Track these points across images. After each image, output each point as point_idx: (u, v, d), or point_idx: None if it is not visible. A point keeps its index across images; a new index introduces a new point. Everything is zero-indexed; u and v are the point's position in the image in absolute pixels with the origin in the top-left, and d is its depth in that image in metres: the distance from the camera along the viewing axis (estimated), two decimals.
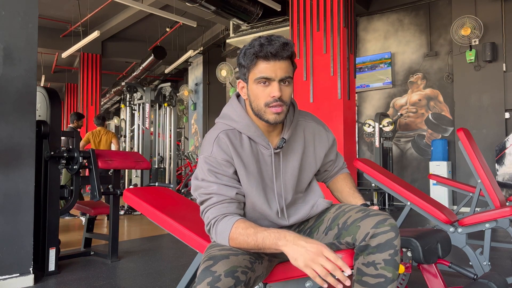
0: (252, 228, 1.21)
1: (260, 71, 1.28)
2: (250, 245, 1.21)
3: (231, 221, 1.25)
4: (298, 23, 5.73)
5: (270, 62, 1.27)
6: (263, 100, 1.30)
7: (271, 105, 1.29)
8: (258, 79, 1.29)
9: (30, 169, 2.80)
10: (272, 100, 1.29)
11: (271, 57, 1.26)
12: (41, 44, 7.93)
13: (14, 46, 2.78)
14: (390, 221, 1.24)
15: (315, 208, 1.44)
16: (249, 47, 1.30)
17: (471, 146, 2.93)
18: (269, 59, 1.27)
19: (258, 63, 1.28)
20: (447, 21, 7.43)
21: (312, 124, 1.49)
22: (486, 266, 2.30)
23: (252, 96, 1.33)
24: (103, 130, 6.81)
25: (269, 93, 1.29)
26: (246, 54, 1.30)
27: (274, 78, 1.28)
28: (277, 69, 1.27)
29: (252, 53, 1.27)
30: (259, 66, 1.28)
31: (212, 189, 1.30)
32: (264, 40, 1.27)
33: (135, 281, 2.85)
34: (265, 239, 1.18)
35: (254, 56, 1.27)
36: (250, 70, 1.30)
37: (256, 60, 1.28)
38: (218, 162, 1.32)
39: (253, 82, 1.30)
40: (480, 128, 6.88)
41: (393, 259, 1.21)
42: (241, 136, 1.37)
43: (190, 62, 12.48)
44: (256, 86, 1.30)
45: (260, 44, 1.26)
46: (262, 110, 1.31)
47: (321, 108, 5.34)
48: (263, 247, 1.19)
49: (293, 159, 1.42)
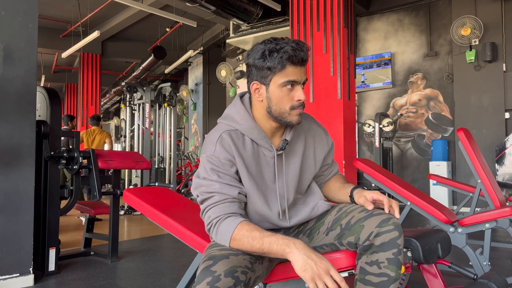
0: (258, 232, 1.21)
1: (287, 75, 1.28)
2: (255, 248, 1.20)
3: (235, 222, 1.24)
4: (298, 23, 5.73)
5: (297, 67, 1.29)
6: (289, 104, 1.31)
7: (296, 108, 1.32)
8: (285, 82, 1.29)
9: (30, 169, 2.80)
10: (298, 103, 1.32)
11: (300, 62, 1.29)
12: (41, 44, 7.91)
13: (14, 46, 2.77)
14: (394, 220, 1.24)
15: (315, 210, 1.44)
16: (274, 48, 1.27)
17: (471, 146, 2.93)
18: (297, 64, 1.28)
19: (287, 67, 1.28)
20: (447, 21, 7.43)
21: (314, 126, 1.49)
22: (486, 266, 2.30)
23: (274, 99, 1.32)
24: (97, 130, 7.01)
25: (294, 96, 1.31)
26: (272, 56, 1.27)
27: (299, 82, 1.31)
28: (302, 73, 1.31)
29: (284, 57, 1.26)
30: (288, 70, 1.28)
31: (214, 188, 1.29)
32: (295, 44, 1.27)
33: (135, 281, 2.85)
34: (272, 244, 1.18)
35: (286, 60, 1.27)
36: (276, 73, 1.29)
37: (287, 64, 1.27)
38: (220, 162, 1.32)
39: (278, 86, 1.30)
40: (480, 128, 6.88)
41: (396, 258, 1.21)
42: (243, 138, 1.37)
43: (190, 62, 12.48)
44: (281, 90, 1.30)
45: (293, 49, 1.26)
46: (286, 112, 1.32)
47: (321, 108, 5.34)
48: (269, 251, 1.19)
49: (294, 160, 1.42)
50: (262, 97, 1.34)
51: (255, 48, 1.32)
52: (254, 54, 1.31)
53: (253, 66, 1.32)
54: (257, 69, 1.31)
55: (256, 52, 1.30)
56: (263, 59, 1.28)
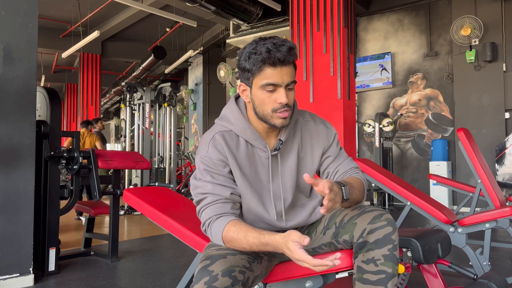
0: (243, 232, 1.20)
1: (266, 77, 1.24)
2: (246, 249, 1.22)
3: (224, 222, 1.25)
4: (298, 23, 5.73)
5: (277, 68, 1.24)
6: (270, 106, 1.27)
7: (278, 111, 1.27)
8: (264, 85, 1.25)
9: (30, 169, 2.80)
10: (280, 106, 1.27)
11: (278, 63, 1.23)
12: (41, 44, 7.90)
13: (14, 46, 2.77)
14: (386, 216, 1.23)
15: (313, 215, 1.44)
16: (253, 51, 1.24)
17: (471, 146, 2.93)
18: (276, 65, 1.23)
19: (264, 69, 1.24)
20: (447, 21, 7.43)
21: (310, 122, 1.46)
22: (486, 266, 2.30)
23: (257, 101, 1.29)
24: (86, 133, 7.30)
25: (276, 99, 1.26)
26: (250, 59, 1.25)
27: (281, 84, 1.25)
28: (283, 75, 1.25)
29: (259, 59, 1.23)
30: (266, 72, 1.24)
31: (207, 189, 1.30)
32: (270, 45, 1.22)
33: (135, 281, 2.85)
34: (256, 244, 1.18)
35: (261, 62, 1.23)
36: (255, 76, 1.26)
37: (263, 66, 1.24)
38: (213, 162, 1.32)
39: (259, 88, 1.27)
40: (480, 128, 6.88)
41: (392, 254, 1.21)
42: (237, 139, 1.36)
43: (190, 62, 12.48)
44: (261, 92, 1.27)
45: (267, 50, 1.21)
46: (269, 115, 1.29)
47: (321, 108, 5.34)
48: (258, 249, 1.20)
49: (290, 160, 1.41)
50: (248, 98, 1.33)
51: (242, 49, 1.31)
52: (241, 56, 1.29)
53: (238, 67, 1.31)
54: (241, 70, 1.30)
55: (241, 53, 1.29)
56: (245, 60, 1.27)
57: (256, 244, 1.18)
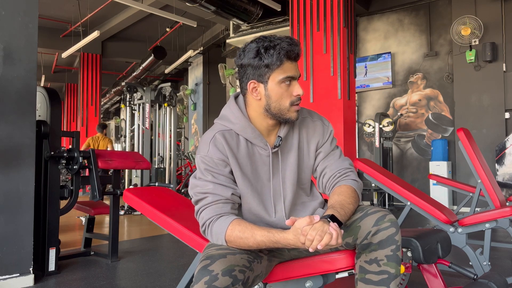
0: (249, 230, 1.21)
1: (285, 71, 1.29)
2: (252, 248, 1.22)
3: (227, 221, 1.25)
4: (298, 23, 5.73)
5: (293, 62, 1.31)
6: (288, 99, 1.31)
7: (295, 103, 1.32)
8: (284, 78, 1.29)
9: (30, 169, 2.80)
10: (296, 98, 1.32)
11: (294, 57, 1.30)
12: (41, 44, 7.90)
13: (14, 46, 2.77)
14: (390, 217, 1.24)
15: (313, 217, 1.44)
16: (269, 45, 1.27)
17: (471, 146, 2.93)
18: (293, 59, 1.30)
19: (285, 62, 1.29)
20: (447, 21, 7.43)
21: (307, 119, 1.47)
22: (486, 266, 2.30)
23: (274, 96, 1.31)
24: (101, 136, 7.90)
25: (292, 92, 1.31)
26: (268, 53, 1.27)
27: (296, 77, 1.32)
28: (297, 68, 1.33)
29: (282, 53, 1.27)
30: (285, 66, 1.29)
31: (208, 188, 1.30)
32: (289, 40, 1.29)
33: (135, 281, 2.85)
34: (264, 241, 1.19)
35: (284, 56, 1.27)
36: (274, 70, 1.29)
37: (284, 59, 1.28)
38: (214, 162, 1.32)
39: (277, 82, 1.30)
40: (480, 128, 6.88)
41: (395, 255, 1.21)
42: (238, 138, 1.37)
43: (190, 62, 12.48)
44: (279, 86, 1.30)
45: (289, 44, 1.28)
46: (286, 109, 1.32)
47: (321, 108, 5.34)
48: (265, 246, 1.20)
49: (290, 156, 1.41)
50: (260, 95, 1.33)
51: (247, 47, 1.31)
52: (248, 54, 1.30)
53: (248, 65, 1.31)
54: (253, 68, 1.30)
55: (249, 51, 1.30)
56: (259, 57, 1.28)
57: (265, 242, 1.18)
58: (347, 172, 1.41)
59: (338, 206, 1.26)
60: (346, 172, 1.41)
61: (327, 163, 1.43)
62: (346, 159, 1.46)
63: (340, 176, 1.40)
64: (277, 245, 1.17)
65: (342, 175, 1.40)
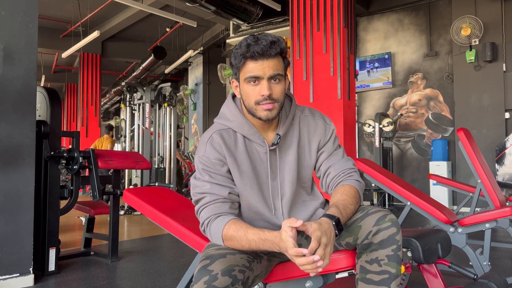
0: (243, 230, 1.21)
1: (248, 70, 1.30)
2: (245, 248, 1.22)
3: (224, 221, 1.26)
4: (298, 23, 5.73)
5: (258, 62, 1.29)
6: (254, 99, 1.32)
7: (261, 103, 1.31)
8: (247, 78, 1.31)
9: (30, 169, 2.80)
10: (262, 98, 1.30)
11: (258, 56, 1.28)
12: (41, 44, 7.89)
13: (14, 46, 2.77)
14: (390, 217, 1.24)
15: (314, 217, 1.44)
16: (237, 47, 1.32)
17: (471, 146, 2.93)
18: (257, 58, 1.28)
19: (246, 63, 1.30)
20: (447, 21, 7.43)
21: (309, 117, 1.46)
22: (486, 266, 2.30)
23: (244, 95, 1.35)
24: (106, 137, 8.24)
25: (259, 91, 1.30)
26: (235, 55, 1.32)
27: (262, 77, 1.30)
28: (265, 68, 1.29)
29: (239, 53, 1.29)
30: (248, 66, 1.30)
31: (205, 188, 1.32)
32: (251, 40, 1.29)
33: (135, 281, 2.85)
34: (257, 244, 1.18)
35: (242, 56, 1.29)
36: (240, 70, 1.32)
37: (245, 60, 1.30)
38: (211, 162, 1.34)
39: (244, 82, 1.32)
40: (480, 128, 6.88)
41: (396, 255, 1.21)
42: (235, 135, 1.38)
43: (190, 62, 12.48)
44: (246, 85, 1.32)
45: (247, 45, 1.28)
46: (254, 108, 1.33)
47: (321, 108, 5.32)
48: (257, 249, 1.20)
49: (289, 153, 1.41)
50: (238, 93, 1.39)
51: None
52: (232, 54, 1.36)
53: (230, 65, 1.39)
54: (231, 67, 1.37)
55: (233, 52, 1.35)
56: (233, 57, 1.34)
57: (255, 241, 1.18)
58: (351, 172, 1.41)
59: (341, 206, 1.26)
60: (350, 172, 1.41)
61: (331, 163, 1.43)
62: (349, 159, 1.46)
63: (344, 175, 1.40)
64: (266, 243, 1.16)
65: (346, 175, 1.40)
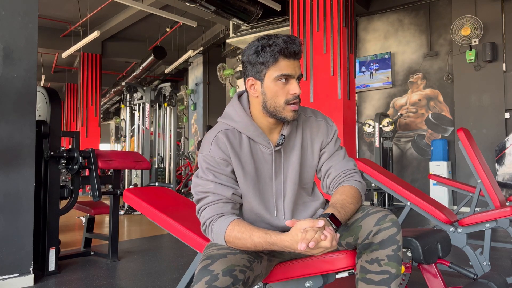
0: (247, 231, 1.21)
1: (281, 68, 1.29)
2: (250, 249, 1.22)
3: (226, 222, 1.25)
4: (298, 23, 5.73)
5: (290, 60, 1.30)
6: (283, 98, 1.31)
7: (291, 102, 1.31)
8: (279, 76, 1.29)
9: (30, 169, 2.80)
10: (293, 97, 1.31)
11: (292, 55, 1.29)
12: (41, 44, 7.90)
13: (14, 46, 2.77)
14: (391, 217, 1.24)
15: (314, 218, 1.43)
16: (267, 43, 1.29)
17: (471, 146, 2.93)
18: (290, 57, 1.29)
19: (280, 60, 1.29)
20: (447, 21, 7.43)
21: (311, 118, 1.47)
22: (486, 266, 2.30)
23: (269, 93, 1.32)
24: None
25: (289, 90, 1.30)
26: (265, 51, 1.29)
27: (294, 76, 1.31)
28: (296, 67, 1.31)
29: (276, 50, 1.27)
30: (281, 64, 1.29)
31: (209, 188, 1.31)
32: (286, 38, 1.29)
33: (135, 281, 2.85)
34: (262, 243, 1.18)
35: (277, 53, 1.28)
36: (270, 67, 1.30)
37: (279, 57, 1.28)
38: (216, 161, 1.33)
39: (272, 80, 1.30)
40: (480, 128, 6.88)
41: (396, 255, 1.21)
42: (240, 136, 1.37)
43: (190, 62, 12.48)
44: (275, 84, 1.30)
45: (284, 42, 1.27)
46: (281, 107, 1.31)
47: (321, 108, 5.33)
48: (262, 248, 1.20)
49: (293, 154, 1.41)
50: (258, 92, 1.34)
51: (249, 45, 1.34)
52: (248, 51, 1.33)
53: (247, 62, 1.34)
54: (251, 65, 1.33)
55: (250, 48, 1.32)
56: (257, 54, 1.30)
57: (262, 244, 1.18)
58: (351, 173, 1.42)
59: (339, 205, 1.26)
60: (351, 173, 1.42)
61: (332, 163, 1.44)
62: (351, 160, 1.47)
63: (345, 176, 1.41)
64: (273, 247, 1.17)
65: (347, 176, 1.41)
